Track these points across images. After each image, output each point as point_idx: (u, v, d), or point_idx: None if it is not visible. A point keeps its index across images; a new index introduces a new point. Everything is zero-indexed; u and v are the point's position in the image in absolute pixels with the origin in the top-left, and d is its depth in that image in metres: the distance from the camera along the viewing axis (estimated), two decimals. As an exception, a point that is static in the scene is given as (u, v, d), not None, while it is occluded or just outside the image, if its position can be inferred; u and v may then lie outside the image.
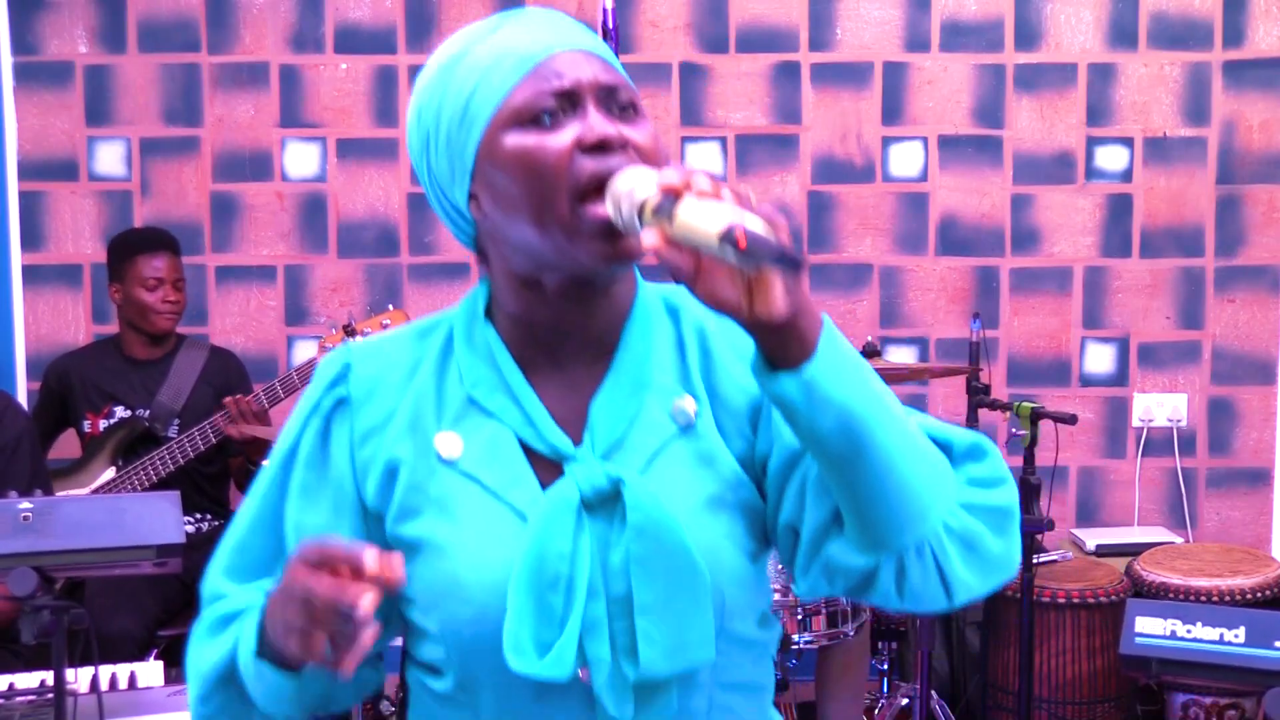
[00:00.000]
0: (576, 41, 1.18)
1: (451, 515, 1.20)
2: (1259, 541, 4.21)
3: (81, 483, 3.52)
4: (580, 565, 1.15)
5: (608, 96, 1.16)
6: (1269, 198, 4.18)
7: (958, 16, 4.15)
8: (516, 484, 1.20)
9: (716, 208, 1.00)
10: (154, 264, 3.60)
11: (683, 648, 1.15)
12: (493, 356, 1.23)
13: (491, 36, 1.20)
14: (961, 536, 1.16)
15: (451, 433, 1.22)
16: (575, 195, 1.13)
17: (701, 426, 1.22)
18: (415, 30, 4.14)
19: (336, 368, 1.27)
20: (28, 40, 4.14)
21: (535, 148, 1.14)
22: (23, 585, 1.98)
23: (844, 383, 1.06)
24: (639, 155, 1.14)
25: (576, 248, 1.14)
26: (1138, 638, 1.94)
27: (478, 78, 1.17)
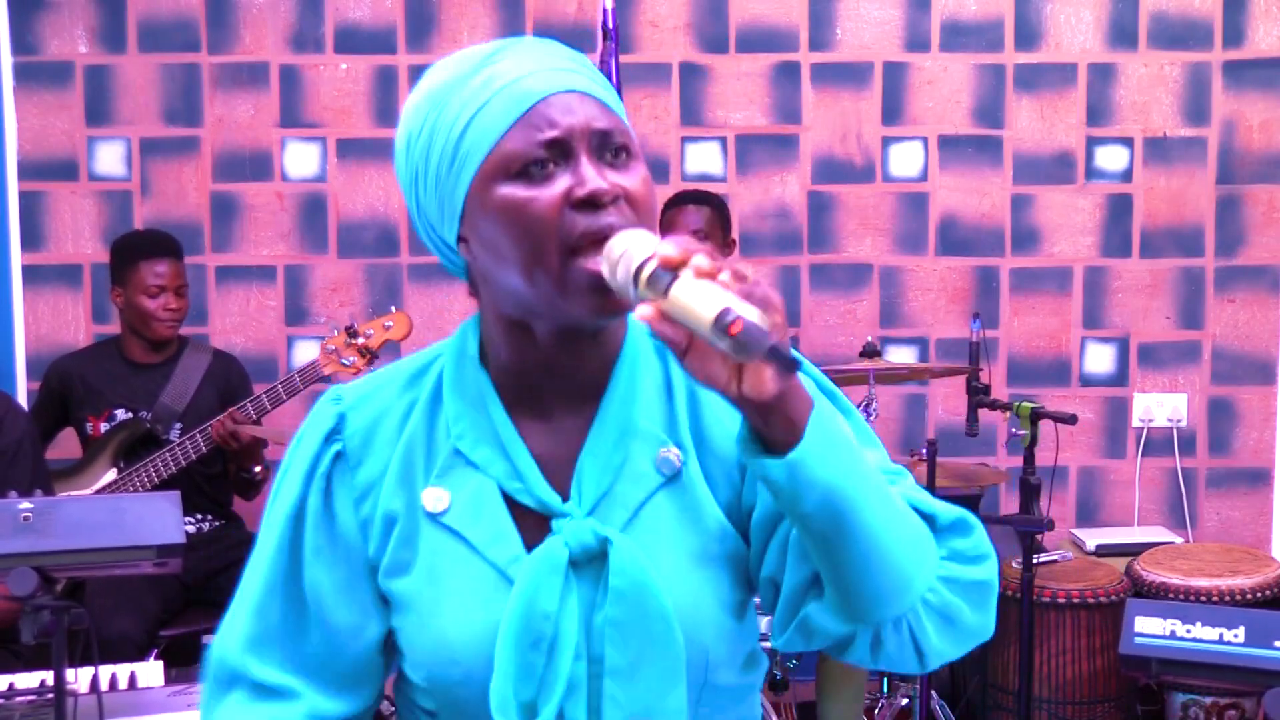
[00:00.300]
0: (571, 82, 1.14)
1: (437, 574, 1.20)
2: (1259, 541, 4.21)
3: (83, 484, 3.52)
4: (565, 626, 1.15)
5: (600, 143, 1.14)
6: (1269, 198, 4.18)
7: (958, 16, 4.15)
8: (499, 541, 1.19)
9: (712, 291, 0.98)
10: (156, 270, 3.57)
11: (649, 713, 1.15)
12: (483, 403, 1.21)
13: (485, 69, 1.15)
14: (939, 611, 1.16)
15: (438, 488, 1.21)
16: (566, 251, 1.11)
17: (687, 477, 1.21)
18: (415, 30, 4.14)
19: (330, 420, 1.25)
20: (28, 40, 4.14)
21: (525, 201, 1.11)
22: (23, 585, 1.98)
23: (829, 465, 1.06)
24: (630, 204, 1.13)
25: (567, 301, 1.12)
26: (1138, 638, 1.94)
27: (469, 119, 1.14)
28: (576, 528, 1.17)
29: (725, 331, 0.96)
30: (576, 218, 1.11)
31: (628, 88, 3.93)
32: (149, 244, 3.65)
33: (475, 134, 1.13)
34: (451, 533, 1.20)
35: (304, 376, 3.49)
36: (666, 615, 1.15)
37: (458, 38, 4.14)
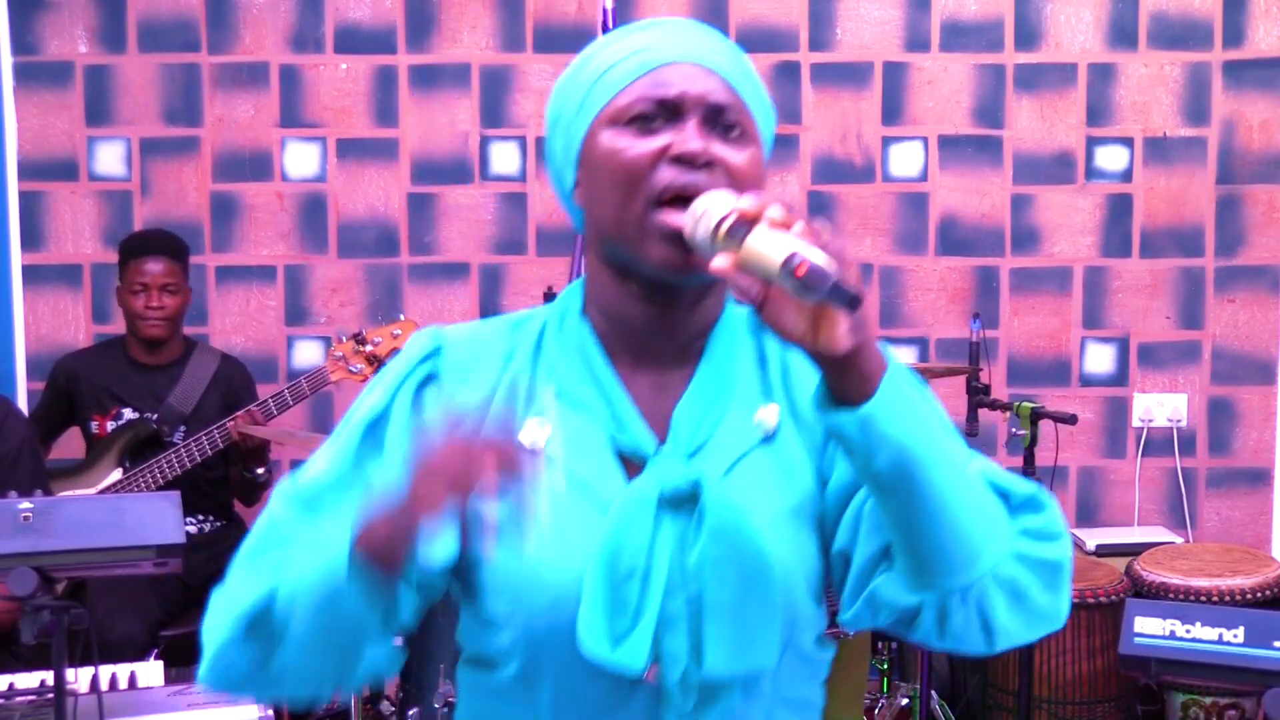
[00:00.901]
0: (703, 57, 1.20)
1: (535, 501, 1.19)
2: (1259, 541, 4.21)
3: (87, 483, 3.52)
4: (657, 560, 1.16)
5: (713, 114, 1.18)
6: (1269, 198, 4.18)
7: (958, 16, 4.15)
8: (602, 477, 1.21)
9: (784, 238, 1.02)
10: (143, 268, 3.56)
11: (746, 652, 1.16)
12: (584, 350, 1.25)
13: (634, 36, 1.23)
14: (1009, 586, 1.17)
15: (539, 423, 1.23)
16: (651, 200, 1.16)
17: (782, 437, 1.24)
18: (415, 30, 4.14)
19: (428, 346, 1.27)
20: (28, 40, 4.14)
21: (624, 148, 1.17)
22: (23, 585, 1.98)
23: (902, 423, 1.07)
24: (728, 176, 1.16)
25: (645, 249, 1.16)
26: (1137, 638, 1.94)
27: (601, 72, 1.21)
28: (669, 468, 1.19)
29: (792, 273, 0.99)
30: (667, 171, 1.16)
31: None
32: (141, 243, 3.65)
33: (602, 85, 1.20)
34: (553, 464, 1.21)
35: (311, 383, 3.49)
36: (763, 556, 1.17)
37: (458, 38, 4.14)
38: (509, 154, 4.17)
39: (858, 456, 1.09)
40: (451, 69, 4.15)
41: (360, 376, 3.49)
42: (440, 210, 4.19)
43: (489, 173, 4.18)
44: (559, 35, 4.13)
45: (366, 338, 3.49)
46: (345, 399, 4.06)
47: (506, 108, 4.16)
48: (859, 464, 1.10)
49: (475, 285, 4.20)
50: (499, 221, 4.19)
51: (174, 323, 3.62)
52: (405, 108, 4.16)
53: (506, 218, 4.19)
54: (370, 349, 3.48)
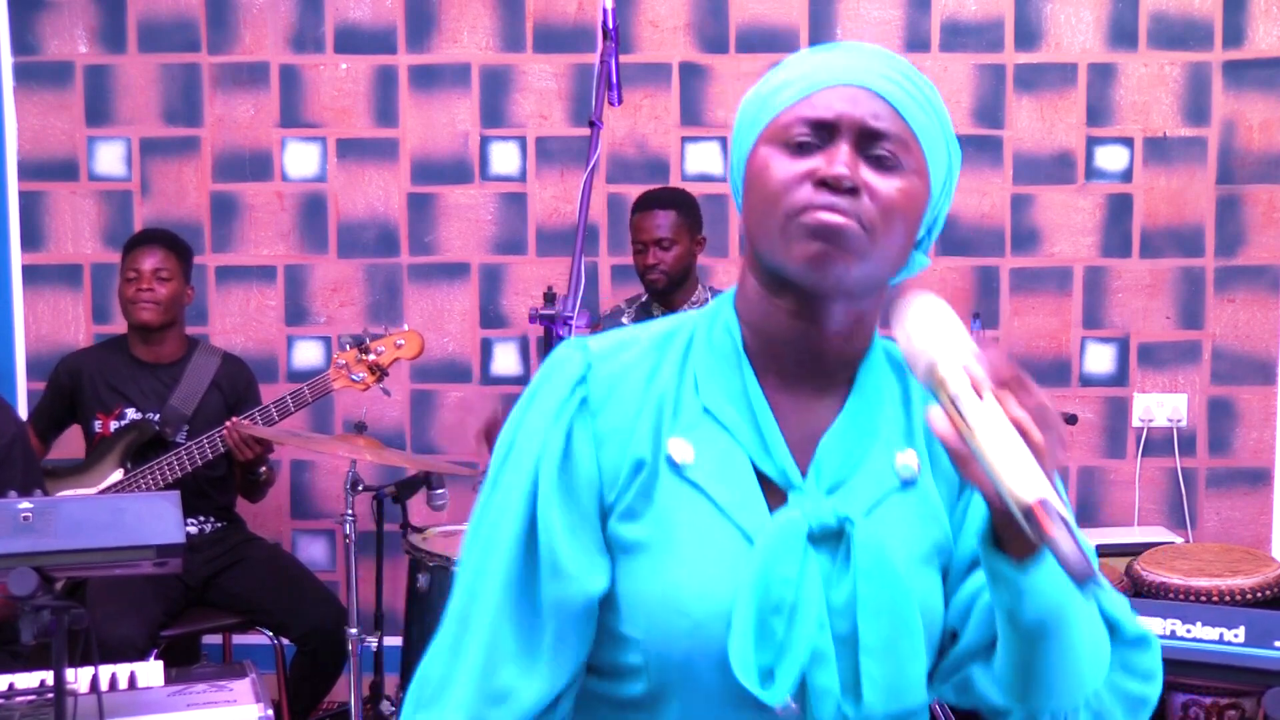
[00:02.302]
0: (869, 80, 1.18)
1: (674, 524, 1.19)
2: (1259, 541, 4.21)
3: (89, 483, 3.52)
4: (807, 594, 1.16)
5: (868, 139, 1.17)
6: (1269, 198, 4.18)
7: (958, 16, 4.15)
8: (746, 505, 1.19)
9: (1024, 464, 0.98)
10: (136, 257, 3.58)
11: (901, 691, 1.17)
12: (735, 365, 1.24)
13: (814, 57, 1.22)
14: (1096, 710, 1.19)
15: (684, 440, 1.21)
16: (790, 215, 1.15)
17: (922, 485, 1.24)
18: (415, 30, 4.14)
19: (579, 369, 1.23)
20: (28, 40, 4.14)
21: (774, 167, 1.17)
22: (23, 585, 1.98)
23: (1058, 586, 1.08)
24: (874, 203, 1.15)
25: (789, 254, 1.16)
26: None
27: (772, 89, 1.21)
28: (815, 504, 1.19)
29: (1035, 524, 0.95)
30: (811, 192, 1.15)
31: (628, 88, 3.92)
32: (139, 237, 3.68)
33: (769, 104, 1.20)
34: (694, 486, 1.20)
35: (313, 390, 3.49)
36: (910, 597, 1.17)
37: (458, 38, 4.14)
38: (509, 154, 4.17)
39: (1003, 601, 1.10)
40: (451, 69, 4.15)
41: (362, 385, 3.50)
42: (440, 210, 4.19)
43: (489, 173, 4.18)
44: (559, 35, 4.13)
45: (369, 346, 3.49)
46: (346, 401, 4.06)
47: (506, 108, 4.16)
48: (1003, 605, 1.11)
49: (475, 285, 4.19)
50: (499, 221, 4.19)
51: (165, 310, 3.59)
52: (405, 108, 4.16)
53: (506, 218, 4.19)
54: (373, 358, 3.49)
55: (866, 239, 1.15)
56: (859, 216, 1.14)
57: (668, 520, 1.19)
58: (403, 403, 4.16)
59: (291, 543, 4.21)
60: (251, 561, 3.61)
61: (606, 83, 2.97)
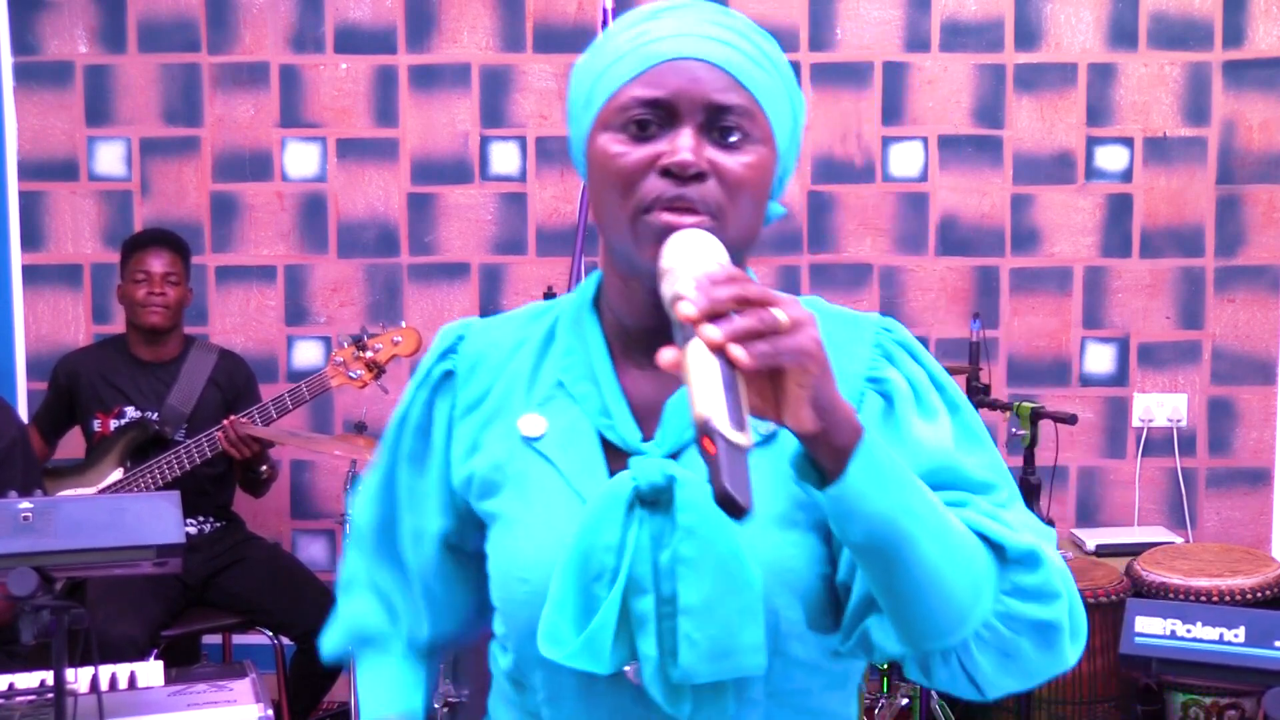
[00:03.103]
0: (710, 51, 1.14)
1: (524, 494, 1.22)
2: (1259, 541, 4.21)
3: (89, 482, 3.52)
4: (626, 559, 1.14)
5: (713, 117, 1.13)
6: (1269, 198, 4.18)
7: (958, 16, 4.15)
8: (586, 471, 1.20)
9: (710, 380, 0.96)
10: (145, 259, 3.58)
11: (726, 654, 1.12)
12: (589, 344, 1.25)
13: (646, 23, 1.17)
14: (997, 646, 1.13)
15: (536, 414, 1.24)
16: (640, 209, 1.13)
17: (784, 440, 1.17)
18: (415, 30, 4.14)
19: (450, 339, 1.31)
20: (28, 40, 4.14)
21: (615, 155, 1.14)
22: (23, 585, 1.98)
23: (876, 499, 1.04)
24: (722, 182, 1.13)
25: (639, 252, 1.14)
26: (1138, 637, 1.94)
27: (605, 65, 1.17)
28: (647, 464, 1.16)
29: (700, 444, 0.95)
30: (657, 182, 1.12)
31: (628, 88, 3.94)
32: (144, 237, 3.68)
33: (604, 80, 1.16)
34: (543, 457, 1.22)
35: (311, 388, 3.49)
36: (739, 555, 1.12)
37: (458, 38, 4.14)
38: (509, 154, 4.17)
39: (834, 526, 1.07)
40: (451, 69, 4.15)
41: (360, 382, 3.50)
42: (440, 210, 4.19)
43: (489, 173, 4.18)
44: (559, 35, 4.13)
45: (367, 344, 3.49)
46: (346, 401, 4.06)
47: (506, 108, 4.16)
48: (837, 532, 1.07)
49: (475, 285, 4.20)
50: (499, 221, 4.19)
51: (174, 313, 3.63)
52: (405, 108, 4.16)
53: (506, 218, 4.19)
54: (370, 355, 3.49)
55: (717, 225, 1.12)
56: (707, 203, 1.12)
57: (519, 492, 1.22)
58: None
59: (291, 542, 4.22)
60: (251, 561, 3.62)
61: (606, 83, 2.97)
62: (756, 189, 1.16)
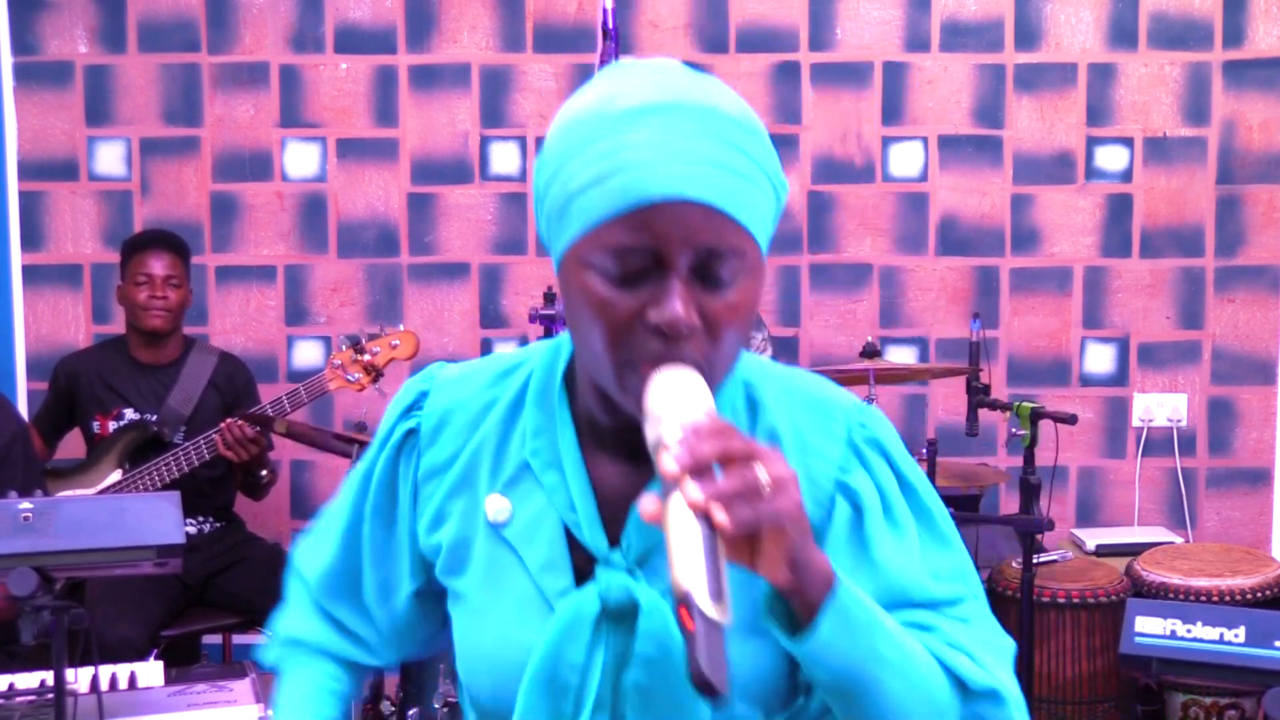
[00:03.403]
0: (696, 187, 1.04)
1: (489, 582, 1.20)
2: (1259, 541, 4.21)
3: (87, 484, 3.52)
4: (590, 680, 1.14)
5: (703, 259, 1.05)
6: (1269, 198, 4.18)
7: (958, 16, 4.15)
8: (552, 568, 1.18)
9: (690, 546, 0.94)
10: (147, 261, 3.58)
11: None
12: (558, 427, 1.19)
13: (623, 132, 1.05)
14: None
15: (502, 497, 1.20)
16: (627, 364, 1.07)
17: None
18: (415, 30, 4.14)
19: (413, 395, 1.28)
20: (28, 40, 4.14)
21: (601, 301, 1.06)
22: (23, 585, 1.98)
23: (845, 648, 1.05)
24: (711, 333, 1.07)
25: (622, 401, 1.10)
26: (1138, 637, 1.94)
27: (583, 185, 1.06)
28: (614, 580, 1.15)
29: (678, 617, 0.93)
30: (645, 338, 1.05)
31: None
32: (145, 239, 3.68)
33: (583, 204, 1.06)
34: (508, 546, 1.19)
35: (309, 391, 3.49)
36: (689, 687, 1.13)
37: (458, 38, 4.14)
38: (509, 154, 4.17)
39: (802, 665, 1.08)
40: (451, 69, 4.15)
41: (358, 385, 3.50)
42: (440, 210, 4.19)
43: (489, 173, 4.18)
44: (559, 35, 4.13)
45: (365, 347, 3.50)
46: (346, 401, 4.06)
47: (506, 108, 4.16)
48: (804, 670, 1.08)
49: (475, 285, 4.20)
50: (499, 221, 4.19)
51: (175, 316, 3.63)
52: (405, 108, 4.16)
53: (506, 218, 4.19)
54: (368, 358, 3.49)
55: (704, 370, 1.07)
56: (695, 356, 1.06)
57: (485, 578, 1.21)
58: (403, 403, 4.16)
59: (291, 542, 4.21)
60: (251, 561, 3.62)
61: (606, 83, 2.96)
62: (744, 325, 1.09)
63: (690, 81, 1.10)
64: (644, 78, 1.09)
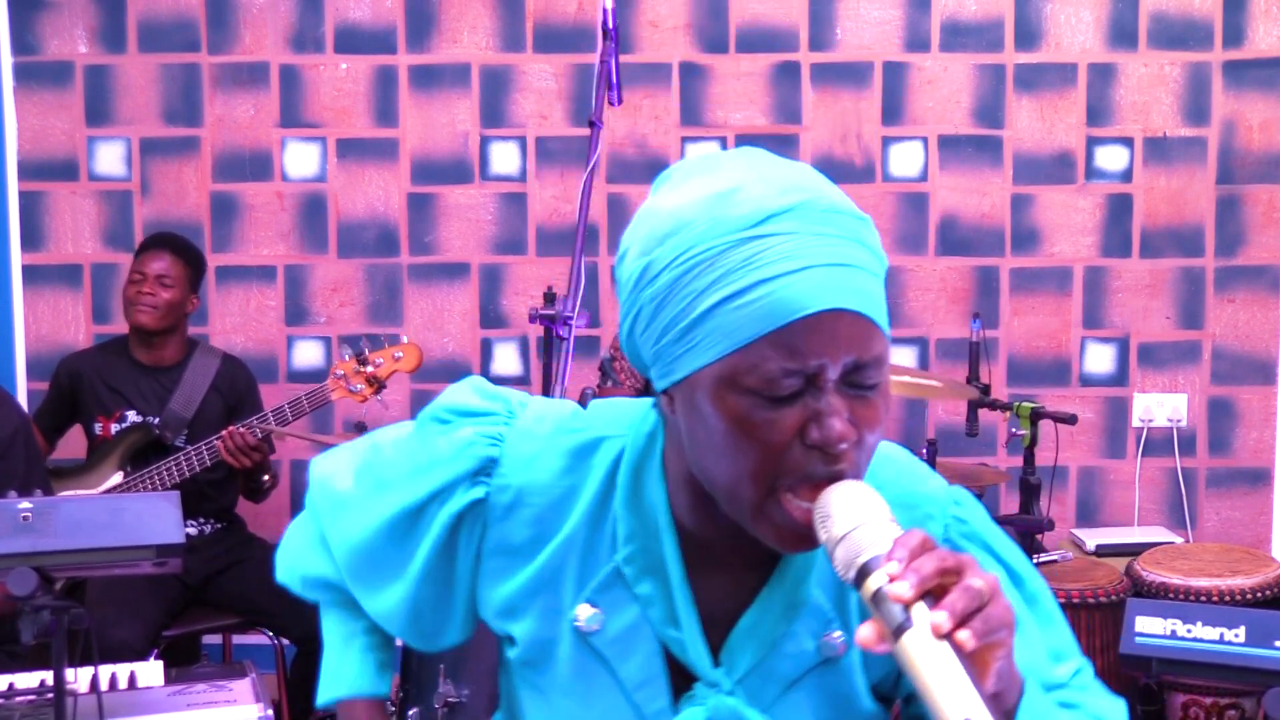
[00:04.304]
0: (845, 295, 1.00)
1: (576, 689, 1.17)
2: (1259, 541, 4.21)
3: (88, 485, 3.52)
4: None
5: (854, 372, 1.01)
6: (1269, 198, 4.18)
7: (958, 16, 4.15)
8: (648, 686, 1.15)
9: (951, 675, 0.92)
10: (145, 260, 3.58)
11: None
12: (658, 533, 1.14)
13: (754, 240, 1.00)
14: None
15: (592, 606, 1.16)
16: (777, 485, 1.02)
17: (846, 662, 1.16)
18: (415, 30, 4.14)
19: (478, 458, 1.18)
20: (28, 40, 4.14)
21: (757, 423, 1.00)
22: (23, 585, 1.97)
23: None
24: (863, 447, 1.03)
25: (758, 527, 1.05)
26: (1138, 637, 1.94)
27: (716, 301, 1.00)
28: (721, 704, 1.13)
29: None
30: (804, 456, 1.01)
31: (628, 88, 3.92)
32: (151, 240, 3.68)
33: (719, 324, 1.00)
34: (599, 657, 1.16)
35: (311, 400, 3.50)
36: None
37: (458, 38, 4.14)
38: (509, 154, 4.17)
39: None
40: (451, 69, 4.15)
41: (360, 396, 3.52)
42: (440, 210, 4.19)
43: (489, 173, 4.18)
44: (559, 35, 4.13)
45: (368, 358, 3.51)
46: (346, 407, 4.05)
47: (506, 108, 4.16)
48: None
49: (475, 285, 4.19)
50: (499, 221, 4.19)
51: (164, 316, 3.58)
52: (405, 108, 4.16)
53: (506, 218, 4.18)
54: (371, 370, 3.51)
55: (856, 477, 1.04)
56: (851, 471, 1.03)
57: (570, 682, 1.17)
58: (403, 403, 4.16)
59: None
60: (251, 562, 3.61)
61: (606, 83, 2.97)
62: (884, 427, 1.06)
63: (797, 175, 1.05)
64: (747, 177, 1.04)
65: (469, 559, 1.20)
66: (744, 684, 1.14)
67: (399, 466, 1.25)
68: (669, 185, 1.08)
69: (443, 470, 1.20)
